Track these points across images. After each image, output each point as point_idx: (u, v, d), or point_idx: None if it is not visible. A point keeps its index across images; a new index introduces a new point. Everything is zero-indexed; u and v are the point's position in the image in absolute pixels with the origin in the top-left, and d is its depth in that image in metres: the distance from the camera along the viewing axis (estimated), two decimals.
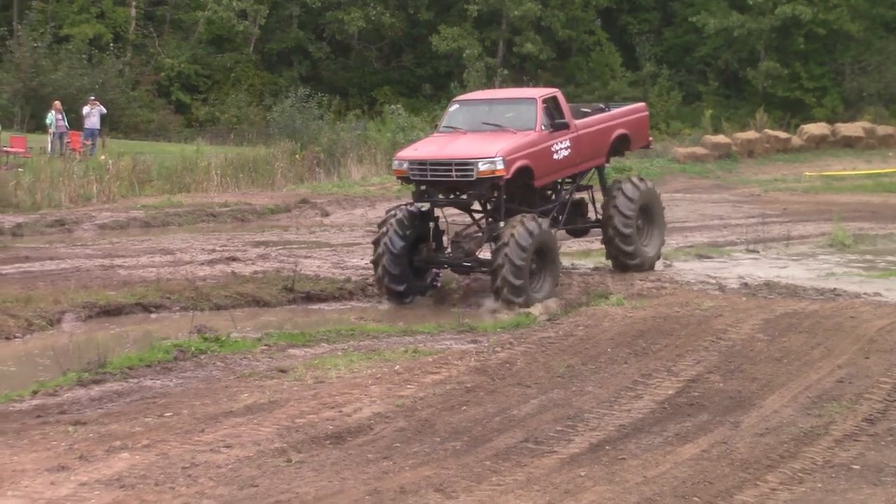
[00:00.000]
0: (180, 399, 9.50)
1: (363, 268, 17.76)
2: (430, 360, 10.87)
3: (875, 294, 15.21)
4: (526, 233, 14.90)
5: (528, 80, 51.94)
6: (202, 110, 54.09)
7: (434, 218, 16.38)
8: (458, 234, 16.50)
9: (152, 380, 10.39)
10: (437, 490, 7.00)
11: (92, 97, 38.93)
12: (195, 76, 55.29)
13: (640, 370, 10.25)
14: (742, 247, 21.32)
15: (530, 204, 16.45)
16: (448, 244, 16.53)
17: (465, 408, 9.07)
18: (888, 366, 10.17)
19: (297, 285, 16.15)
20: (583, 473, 7.34)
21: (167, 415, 8.92)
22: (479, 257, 16.09)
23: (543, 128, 15.98)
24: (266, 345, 11.92)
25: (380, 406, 9.07)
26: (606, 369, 10.36)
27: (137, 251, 20.52)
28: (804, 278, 17.00)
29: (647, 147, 20.11)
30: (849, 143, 44.37)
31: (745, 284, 16.16)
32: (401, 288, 15.89)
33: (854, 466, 7.50)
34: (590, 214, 18.12)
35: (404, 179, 16.18)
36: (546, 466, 7.53)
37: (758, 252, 20.63)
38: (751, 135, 43.64)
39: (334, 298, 16.17)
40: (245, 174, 34.68)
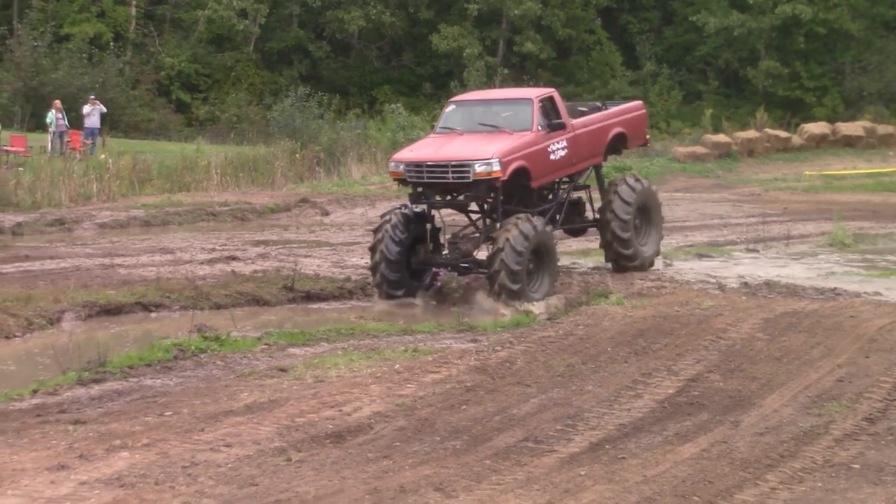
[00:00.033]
0: (180, 398, 9.50)
1: (363, 267, 17.75)
2: (430, 359, 10.87)
3: (875, 293, 15.20)
4: (521, 237, 14.86)
5: (529, 79, 51.93)
6: (202, 109, 54.10)
7: (431, 219, 16.34)
8: (456, 235, 16.47)
9: (152, 379, 10.38)
10: (437, 489, 7.00)
11: (92, 96, 38.93)
12: (195, 75, 55.31)
13: (640, 369, 10.25)
14: (742, 246, 21.32)
15: (528, 204, 16.41)
16: (445, 245, 16.51)
17: (464, 407, 9.07)
18: (888, 365, 10.17)
19: (297, 284, 16.14)
20: (583, 472, 7.34)
21: (167, 414, 8.91)
22: (477, 258, 16.08)
23: (540, 128, 15.93)
24: (266, 344, 11.91)
25: (380, 405, 9.07)
26: (606, 368, 10.36)
27: (137, 250, 20.52)
28: (804, 277, 16.99)
29: (645, 145, 20.09)
30: (849, 143, 44.36)
31: (745, 284, 16.15)
32: (399, 293, 15.91)
33: (854, 465, 7.49)
34: (587, 214, 18.13)
35: (401, 181, 16.10)
36: (546, 465, 7.53)
37: (758, 251, 20.63)
38: (751, 134, 43.64)
39: (334, 297, 16.17)
40: (245, 173, 34.69)
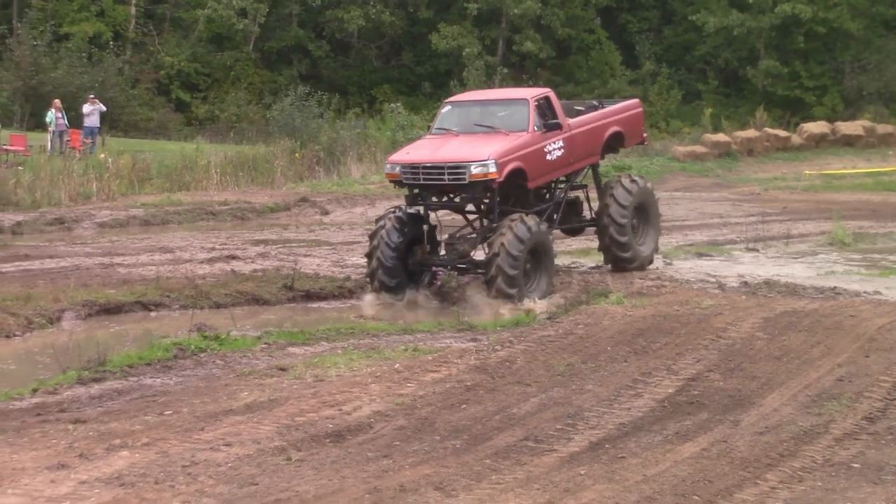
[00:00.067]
0: (180, 397, 9.50)
1: (363, 266, 17.72)
2: (430, 358, 10.87)
3: (875, 292, 15.19)
4: (516, 240, 14.79)
5: (528, 78, 51.93)
6: (202, 108, 54.08)
7: (428, 221, 16.30)
8: (453, 235, 16.43)
9: (152, 378, 10.38)
10: (437, 488, 7.00)
11: (92, 95, 38.91)
12: (195, 74, 55.29)
13: (640, 368, 10.25)
14: (742, 245, 21.32)
15: (524, 204, 16.36)
16: (442, 246, 16.46)
17: (464, 406, 9.07)
18: (888, 364, 10.17)
19: (297, 284, 16.14)
20: (583, 472, 7.34)
21: (167, 413, 8.91)
22: (474, 258, 16.04)
23: (536, 128, 15.88)
24: (266, 343, 11.91)
25: (380, 404, 9.07)
26: (606, 368, 10.36)
27: (137, 249, 20.52)
28: (804, 277, 16.99)
29: (642, 143, 20.04)
30: (849, 142, 44.36)
31: (745, 283, 16.14)
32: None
33: (854, 465, 7.50)
34: (585, 213, 18.09)
35: (397, 183, 16.04)
36: (546, 465, 7.52)
37: (757, 250, 20.63)
38: (751, 133, 43.64)
39: (334, 297, 16.16)
40: (245, 172, 34.70)
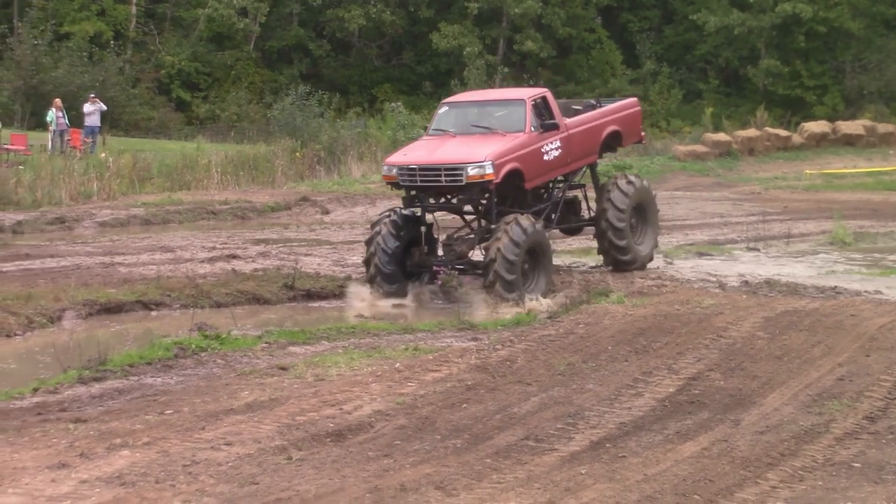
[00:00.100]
0: (181, 397, 9.50)
1: (363, 267, 17.73)
2: (431, 357, 10.87)
3: (876, 292, 15.18)
4: (512, 244, 14.74)
5: (529, 77, 51.92)
6: (202, 108, 54.09)
7: (425, 222, 16.26)
8: (450, 236, 16.41)
9: (153, 377, 10.38)
10: (438, 488, 7.00)
11: (92, 95, 38.91)
12: (196, 74, 55.30)
13: (641, 368, 10.25)
14: (742, 245, 21.32)
15: (522, 205, 16.31)
16: (440, 247, 16.43)
17: (465, 405, 9.07)
18: (889, 364, 10.17)
19: (298, 283, 16.13)
20: (583, 471, 7.34)
21: (168, 412, 8.91)
22: (472, 259, 16.02)
23: (533, 129, 15.84)
24: (266, 342, 11.91)
25: (380, 404, 9.07)
26: (607, 367, 10.35)
27: (138, 249, 20.53)
28: (805, 276, 16.98)
29: (640, 142, 20.02)
30: (849, 141, 44.37)
31: (746, 282, 16.13)
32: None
33: (855, 464, 7.49)
34: (583, 212, 18.04)
35: (394, 185, 16.00)
36: (547, 464, 7.52)
37: (758, 250, 20.63)
38: (751, 133, 43.65)
39: (335, 296, 16.14)
40: (245, 172, 34.72)
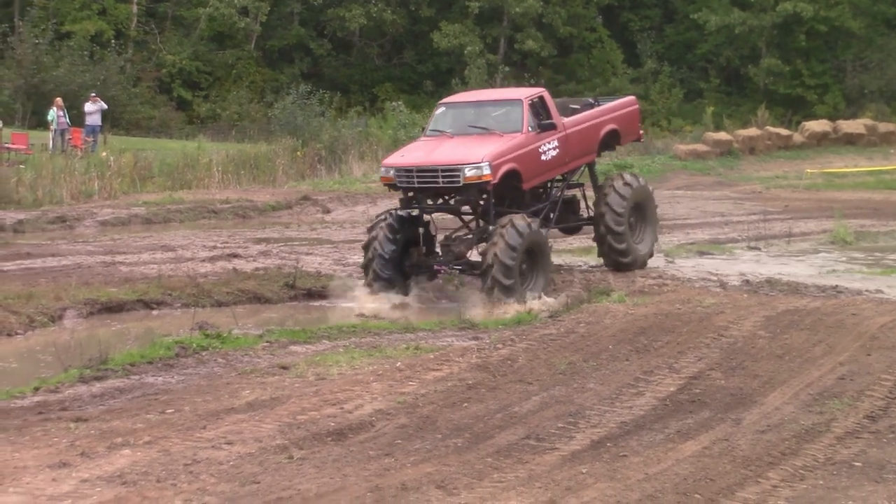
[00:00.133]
0: (182, 396, 9.50)
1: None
2: (432, 356, 10.87)
3: (877, 291, 15.17)
4: (508, 248, 14.65)
5: (530, 77, 51.92)
6: (203, 107, 54.08)
7: (424, 223, 16.21)
8: (448, 237, 16.38)
9: (154, 376, 10.38)
10: (439, 487, 7.00)
11: (93, 94, 38.90)
12: (196, 73, 55.28)
13: (642, 367, 10.25)
14: (743, 244, 21.30)
15: (520, 205, 16.23)
16: (438, 247, 16.39)
17: (466, 404, 9.07)
18: (890, 363, 10.16)
19: (299, 282, 16.13)
20: (584, 470, 7.34)
21: (169, 411, 8.92)
22: (470, 260, 15.99)
23: (530, 129, 15.75)
24: (267, 341, 11.91)
25: (381, 403, 9.07)
26: (608, 366, 10.35)
27: (139, 248, 20.53)
28: (806, 275, 16.96)
29: (638, 141, 19.99)
30: (850, 141, 44.37)
31: (747, 281, 16.12)
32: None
33: (856, 463, 7.49)
34: (582, 212, 17.99)
35: (391, 186, 15.92)
36: (547, 463, 7.53)
37: (759, 249, 20.61)
38: (752, 132, 43.64)
39: (336, 295, 16.12)
40: (246, 171, 34.72)
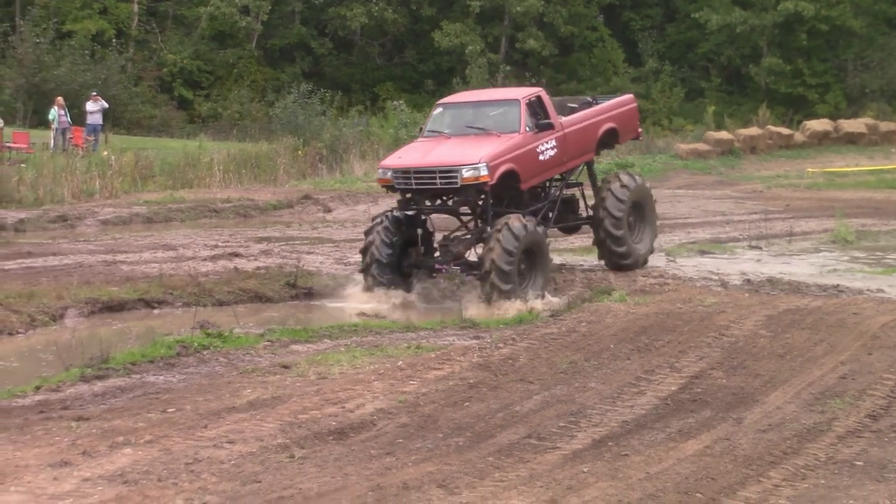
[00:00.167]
0: (183, 395, 9.50)
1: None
2: (433, 355, 10.87)
3: (878, 290, 15.16)
4: (505, 254, 14.56)
5: (531, 76, 51.93)
6: (205, 106, 54.10)
7: (421, 223, 16.19)
8: (447, 237, 16.36)
9: (155, 375, 10.38)
10: (440, 486, 7.00)
11: (94, 93, 38.90)
12: (198, 72, 55.31)
13: (643, 366, 10.25)
14: (745, 243, 21.29)
15: (519, 205, 16.20)
16: (437, 247, 16.36)
17: (467, 404, 9.07)
18: (891, 362, 10.16)
19: (300, 281, 16.13)
20: (585, 469, 7.34)
21: (170, 410, 8.92)
22: (468, 260, 15.97)
23: (528, 129, 15.70)
24: (269, 340, 11.90)
25: (382, 402, 9.07)
26: (609, 365, 10.35)
27: (140, 247, 20.53)
28: (807, 275, 16.95)
29: (637, 139, 19.98)
30: (851, 140, 44.37)
31: (748, 281, 16.11)
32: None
33: (857, 463, 7.49)
34: (581, 211, 17.96)
35: (389, 188, 15.87)
36: (549, 462, 7.52)
37: (760, 248, 20.60)
38: (753, 131, 43.65)
39: (336, 294, 16.12)
40: (247, 170, 34.71)
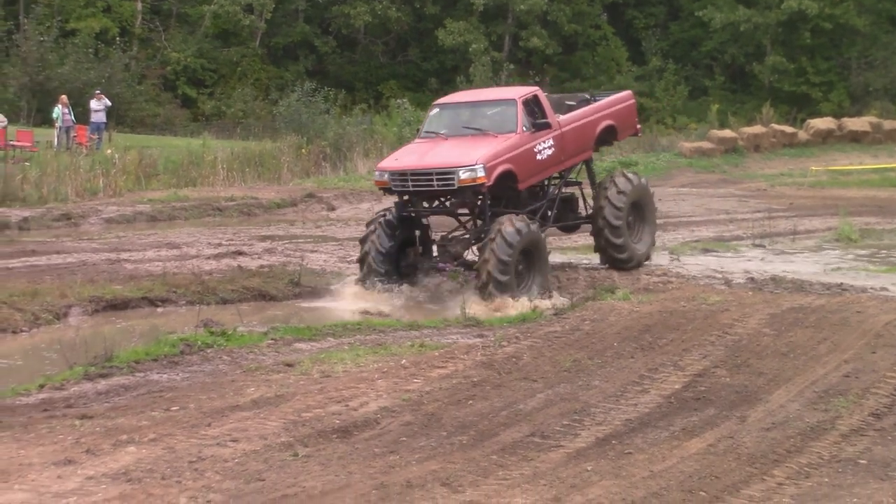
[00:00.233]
0: (187, 393, 9.50)
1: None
2: (437, 354, 10.87)
3: (881, 289, 15.15)
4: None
5: (534, 74, 51.94)
6: (208, 104, 54.13)
7: (420, 223, 16.18)
8: (445, 237, 16.34)
9: (159, 374, 10.38)
10: (444, 484, 7.00)
11: (98, 91, 38.94)
12: (201, 70, 55.33)
13: (647, 364, 10.24)
14: (748, 241, 21.29)
15: (517, 204, 16.18)
16: (435, 248, 16.34)
17: (471, 402, 9.07)
18: (895, 360, 10.14)
19: (304, 279, 16.14)
20: (589, 468, 7.34)
21: (174, 409, 8.92)
22: (466, 260, 15.96)
23: (525, 129, 15.68)
24: (272, 339, 11.90)
25: (386, 400, 9.07)
26: (613, 364, 10.35)
27: (144, 245, 20.55)
28: (810, 273, 16.94)
29: (636, 135, 19.98)
30: (855, 138, 44.32)
31: (752, 279, 16.12)
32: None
33: (861, 461, 7.48)
34: (581, 209, 17.91)
35: (386, 190, 15.86)
36: (552, 461, 7.52)
37: (764, 247, 20.59)
38: (757, 129, 43.62)
39: (338, 293, 16.12)
40: (251, 168, 34.72)
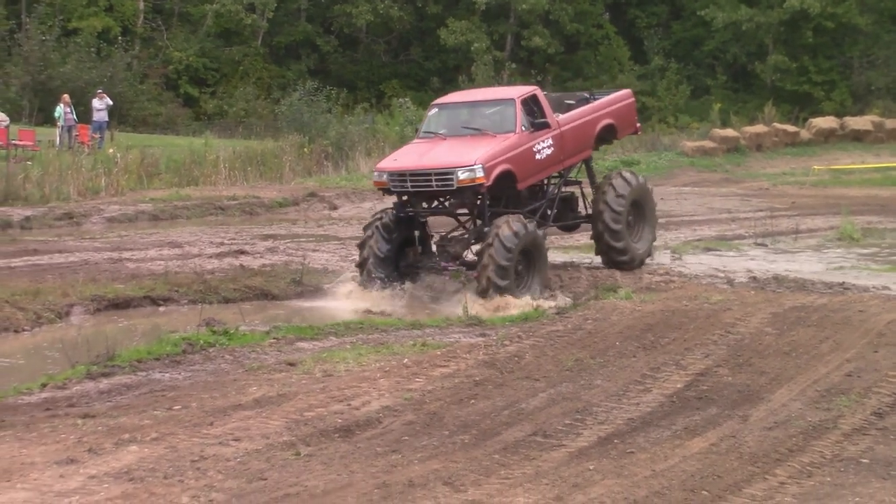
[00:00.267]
0: (189, 392, 9.51)
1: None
2: (439, 353, 10.87)
3: (884, 288, 15.15)
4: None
5: (537, 73, 51.94)
6: (210, 104, 54.16)
7: (419, 223, 16.17)
8: (444, 237, 16.34)
9: (161, 373, 10.39)
10: (446, 483, 7.00)
11: (100, 90, 38.96)
12: (203, 69, 55.37)
13: (649, 364, 10.24)
14: (750, 240, 21.29)
15: (517, 204, 16.16)
16: (434, 248, 16.31)
17: (473, 401, 9.07)
18: None
19: (306, 278, 16.15)
20: (591, 467, 7.34)
21: (176, 408, 8.92)
22: (466, 260, 15.95)
23: (524, 129, 15.66)
24: (275, 338, 11.91)
25: (388, 399, 9.07)
26: (615, 363, 10.34)
27: (146, 244, 20.56)
28: (813, 272, 16.95)
29: (635, 133, 19.97)
30: (857, 137, 44.32)
31: (754, 278, 16.12)
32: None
33: (863, 460, 7.48)
34: (580, 208, 17.90)
35: (385, 191, 15.87)
36: (554, 460, 7.52)
37: (766, 246, 20.59)
38: (759, 128, 43.62)
39: (339, 293, 16.12)
40: (253, 167, 34.74)
